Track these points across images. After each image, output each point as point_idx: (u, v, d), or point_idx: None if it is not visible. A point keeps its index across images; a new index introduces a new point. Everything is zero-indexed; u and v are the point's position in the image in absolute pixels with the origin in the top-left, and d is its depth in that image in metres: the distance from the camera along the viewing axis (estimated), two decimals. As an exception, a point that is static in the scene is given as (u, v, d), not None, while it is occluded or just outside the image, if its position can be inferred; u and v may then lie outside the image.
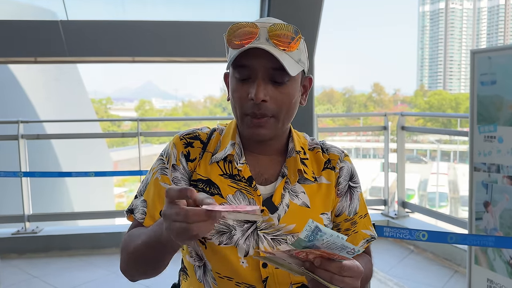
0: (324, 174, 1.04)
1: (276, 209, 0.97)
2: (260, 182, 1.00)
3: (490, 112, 2.42)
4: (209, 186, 0.98)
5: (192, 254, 1.00)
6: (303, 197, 1.00)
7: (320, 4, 3.79)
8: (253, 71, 0.91)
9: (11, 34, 3.95)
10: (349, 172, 1.06)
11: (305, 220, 0.98)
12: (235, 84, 0.94)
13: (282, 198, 0.98)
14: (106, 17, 4.71)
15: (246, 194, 0.97)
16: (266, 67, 0.90)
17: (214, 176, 0.99)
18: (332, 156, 1.06)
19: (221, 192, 0.97)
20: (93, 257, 3.67)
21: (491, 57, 2.41)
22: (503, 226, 2.37)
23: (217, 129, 1.07)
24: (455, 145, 32.76)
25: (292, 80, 0.94)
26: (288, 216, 0.97)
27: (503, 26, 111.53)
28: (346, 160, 1.07)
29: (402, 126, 4.07)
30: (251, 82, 0.92)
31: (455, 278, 3.18)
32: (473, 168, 2.52)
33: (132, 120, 4.77)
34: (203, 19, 4.35)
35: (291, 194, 0.99)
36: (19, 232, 3.85)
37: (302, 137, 1.08)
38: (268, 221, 0.96)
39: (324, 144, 1.09)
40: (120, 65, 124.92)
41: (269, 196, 0.99)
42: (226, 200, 0.96)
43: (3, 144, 4.45)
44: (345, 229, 1.06)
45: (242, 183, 0.98)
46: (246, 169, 0.99)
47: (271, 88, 0.92)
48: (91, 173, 3.98)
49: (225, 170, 0.99)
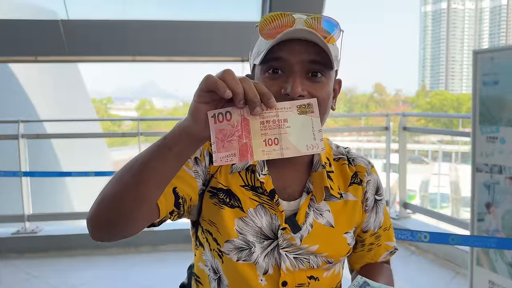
0: (350, 190, 0.97)
1: (299, 229, 0.91)
2: (283, 197, 0.93)
3: (493, 113, 2.40)
4: (230, 197, 0.91)
5: (207, 264, 0.96)
6: (328, 215, 0.94)
7: (321, 3, 3.78)
8: (288, 65, 0.82)
9: (12, 33, 3.95)
10: (375, 185, 1.01)
11: (329, 241, 0.93)
12: (265, 80, 0.85)
13: (306, 217, 0.92)
14: (107, 16, 4.71)
15: (268, 209, 0.91)
16: (302, 61, 0.82)
17: (235, 187, 0.92)
18: (359, 168, 0.99)
19: (242, 205, 0.91)
20: (93, 257, 3.66)
21: (493, 57, 2.39)
22: (505, 227, 2.36)
23: None
24: (457, 145, 32.73)
25: (328, 77, 0.86)
26: (311, 236, 0.92)
27: (505, 26, 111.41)
28: (373, 173, 1.01)
29: (404, 127, 4.05)
30: (284, 77, 0.83)
31: (457, 279, 3.16)
32: (475, 169, 2.51)
33: (133, 120, 4.77)
34: (204, 19, 4.34)
35: (316, 213, 0.93)
36: (19, 232, 3.84)
37: (327, 145, 1.01)
38: (290, 240, 0.91)
39: (350, 153, 1.02)
40: (121, 65, 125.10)
41: (292, 213, 0.93)
42: (247, 215, 0.91)
43: (3, 143, 4.44)
44: (370, 244, 1.03)
45: (264, 197, 0.92)
46: (268, 181, 0.92)
47: (308, 83, 0.83)
48: (91, 173, 3.96)
49: (247, 181, 0.93)
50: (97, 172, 4.03)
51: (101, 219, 0.74)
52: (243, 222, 0.90)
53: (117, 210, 0.72)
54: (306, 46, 0.82)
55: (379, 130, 4.63)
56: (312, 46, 0.82)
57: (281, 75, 0.83)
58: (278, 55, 0.83)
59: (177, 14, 5.36)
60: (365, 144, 37.73)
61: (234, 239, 0.90)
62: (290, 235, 0.91)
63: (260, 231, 0.90)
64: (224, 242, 0.90)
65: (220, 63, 4.68)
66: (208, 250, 0.95)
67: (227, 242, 0.90)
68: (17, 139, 3.88)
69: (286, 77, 0.83)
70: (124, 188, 0.71)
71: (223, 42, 4.12)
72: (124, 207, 0.72)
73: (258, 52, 0.86)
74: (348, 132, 33.34)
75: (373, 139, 38.08)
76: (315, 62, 0.83)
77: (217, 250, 0.92)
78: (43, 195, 6.39)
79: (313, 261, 0.92)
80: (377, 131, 5.30)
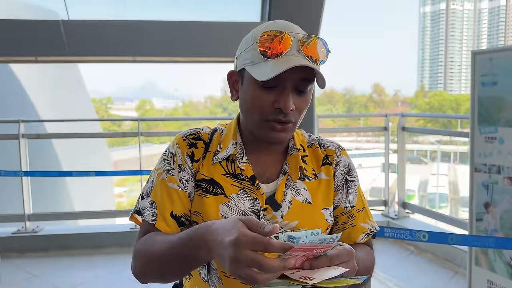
0: (323, 170, 1.06)
1: (279, 207, 0.99)
2: (262, 181, 1.01)
3: (491, 113, 2.42)
4: (213, 186, 0.99)
5: None
6: (305, 193, 1.02)
7: (321, 4, 3.79)
8: (282, 81, 0.91)
9: (12, 33, 3.95)
10: (346, 166, 1.08)
11: (308, 217, 1.00)
12: (257, 90, 0.93)
13: (284, 195, 1.00)
14: (107, 16, 4.71)
15: (249, 193, 0.99)
16: (295, 78, 0.92)
17: (217, 175, 1.00)
18: (329, 151, 1.08)
19: (225, 192, 0.99)
20: (93, 257, 3.67)
21: (492, 58, 2.41)
22: (504, 227, 2.37)
23: (218, 129, 1.07)
24: (456, 146, 32.72)
25: (311, 89, 0.97)
26: (291, 213, 0.99)
27: (503, 27, 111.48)
28: (343, 154, 1.09)
29: (403, 127, 4.07)
30: (277, 91, 0.92)
31: (456, 279, 3.18)
32: (474, 169, 2.52)
33: (133, 120, 4.77)
34: (204, 19, 4.35)
35: (293, 191, 1.01)
36: (19, 231, 3.85)
37: (301, 134, 1.10)
38: (272, 219, 0.98)
39: (321, 139, 1.11)
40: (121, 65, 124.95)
41: (272, 194, 1.00)
42: (230, 200, 0.98)
43: (4, 143, 4.45)
44: (343, 223, 1.07)
45: (245, 182, 1.00)
46: (248, 168, 1.00)
47: (295, 97, 0.94)
48: (92, 172, 3.97)
49: (228, 170, 1.01)
50: (98, 172, 4.04)
51: (150, 279, 0.95)
52: (227, 207, 0.97)
53: (162, 276, 0.93)
54: (300, 68, 0.90)
55: (378, 130, 4.65)
56: (305, 68, 0.91)
57: (273, 90, 0.92)
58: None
59: (177, 15, 5.37)
60: (364, 144, 37.72)
61: None
62: (272, 214, 0.98)
63: (244, 214, 0.97)
64: None
65: (220, 63, 4.69)
66: None
67: None
68: (17, 139, 3.89)
69: (279, 91, 0.92)
70: (168, 270, 0.91)
71: (223, 43, 4.12)
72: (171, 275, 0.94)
73: (252, 62, 0.93)
74: (347, 133, 33.33)
75: (372, 140, 38.09)
76: (306, 80, 0.93)
77: None
78: (44, 194, 6.40)
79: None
80: (376, 131, 5.32)
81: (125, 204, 25.60)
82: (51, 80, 9.71)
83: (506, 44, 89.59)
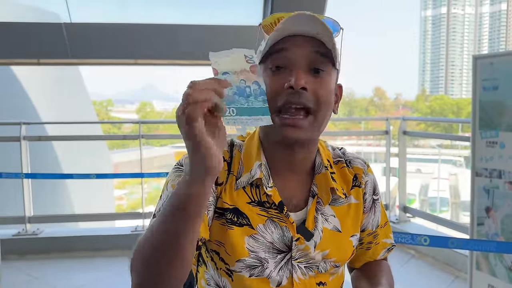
0: (352, 193, 0.97)
1: (311, 235, 0.89)
2: (289, 209, 0.91)
3: (492, 118, 2.42)
4: (237, 216, 0.88)
5: (210, 283, 0.93)
6: (333, 220, 0.93)
7: (322, 8, 3.80)
8: (291, 58, 0.83)
9: (14, 36, 3.97)
10: (372, 185, 1.01)
11: (338, 245, 0.92)
12: (270, 76, 0.84)
13: (315, 222, 0.91)
14: (109, 19, 4.73)
15: (278, 222, 0.89)
16: (305, 54, 0.83)
17: (241, 204, 0.88)
18: (357, 169, 0.99)
19: (251, 223, 0.88)
20: (94, 259, 3.67)
21: (493, 62, 2.41)
22: (505, 231, 2.37)
23: (236, 144, 0.94)
24: (457, 150, 32.67)
25: (330, 74, 0.86)
26: (322, 243, 0.91)
27: (504, 32, 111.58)
28: (369, 173, 1.01)
29: (404, 131, 4.06)
30: (287, 72, 0.83)
31: (456, 283, 3.17)
32: (475, 174, 2.52)
33: (134, 123, 4.77)
34: (205, 23, 4.37)
35: (323, 217, 0.92)
36: (20, 233, 3.85)
37: (326, 148, 1.00)
38: (305, 250, 0.89)
39: (346, 154, 1.01)
40: (122, 67, 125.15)
41: (301, 221, 0.91)
42: (256, 231, 0.88)
43: (5, 145, 4.46)
44: (368, 242, 1.03)
45: (272, 211, 0.89)
46: (275, 194, 0.89)
47: (310, 78, 0.83)
48: (92, 175, 3.97)
49: (253, 197, 0.89)
50: (98, 174, 4.05)
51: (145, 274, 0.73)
52: (253, 240, 0.87)
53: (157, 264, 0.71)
54: (310, 40, 0.82)
55: (379, 134, 4.64)
56: (315, 40, 0.83)
57: (284, 71, 0.84)
58: (282, 47, 0.83)
59: (179, 18, 5.39)
60: (365, 148, 37.69)
61: (245, 258, 0.87)
62: (305, 244, 0.89)
63: (272, 246, 0.88)
64: (234, 261, 0.87)
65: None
66: (213, 269, 0.92)
67: (238, 262, 0.87)
68: (19, 141, 3.90)
69: (289, 71, 0.83)
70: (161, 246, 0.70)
71: (224, 46, 4.13)
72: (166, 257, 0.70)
73: (262, 51, 0.87)
74: (348, 136, 33.28)
75: (373, 143, 38.06)
76: (318, 53, 0.83)
77: (225, 269, 0.89)
78: (44, 196, 6.39)
79: (322, 267, 0.92)
80: (377, 135, 5.31)
81: (125, 207, 25.58)
82: (52, 82, 9.73)
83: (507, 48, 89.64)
